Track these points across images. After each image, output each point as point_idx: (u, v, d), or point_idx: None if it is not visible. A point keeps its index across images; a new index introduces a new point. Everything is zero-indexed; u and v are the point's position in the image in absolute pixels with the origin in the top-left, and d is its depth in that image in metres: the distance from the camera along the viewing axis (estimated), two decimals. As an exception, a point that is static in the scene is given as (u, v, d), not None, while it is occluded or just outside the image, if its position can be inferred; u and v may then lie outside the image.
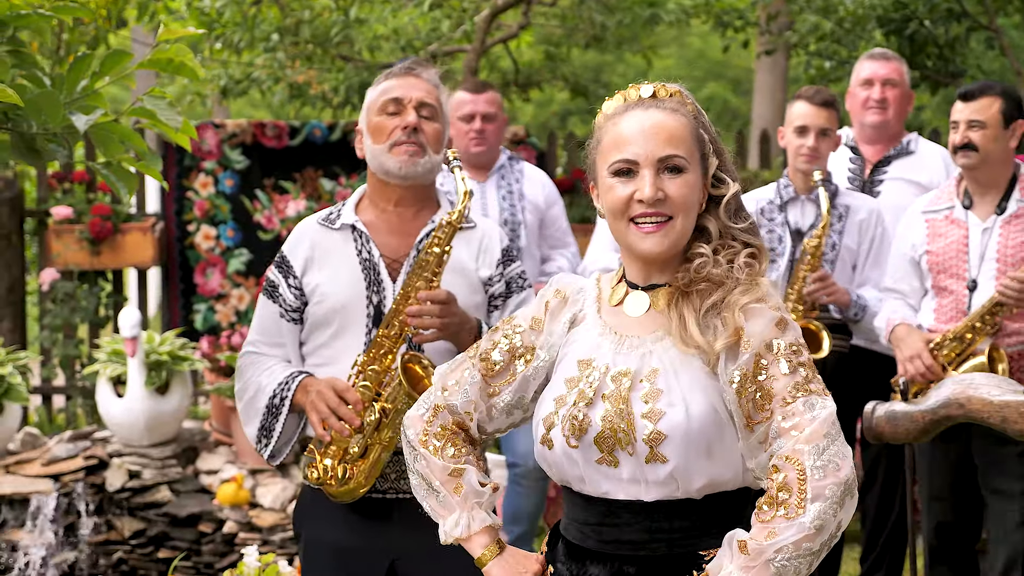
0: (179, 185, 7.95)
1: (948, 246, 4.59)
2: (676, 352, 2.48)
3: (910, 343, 4.56)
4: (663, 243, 2.48)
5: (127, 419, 6.02)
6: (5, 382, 5.99)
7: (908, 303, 4.72)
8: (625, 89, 2.63)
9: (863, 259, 5.00)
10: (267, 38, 7.44)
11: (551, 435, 2.51)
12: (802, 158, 4.92)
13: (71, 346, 7.72)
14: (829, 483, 2.35)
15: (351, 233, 3.46)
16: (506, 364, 2.65)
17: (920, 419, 3.12)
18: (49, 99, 3.17)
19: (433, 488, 2.64)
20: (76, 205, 7.71)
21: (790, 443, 2.38)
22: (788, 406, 2.41)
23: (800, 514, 2.33)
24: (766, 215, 5.02)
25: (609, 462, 2.47)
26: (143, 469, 6.02)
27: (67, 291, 7.69)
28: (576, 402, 2.49)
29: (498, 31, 8.50)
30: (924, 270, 4.65)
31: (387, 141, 3.43)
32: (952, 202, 4.66)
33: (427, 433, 2.66)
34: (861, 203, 5.04)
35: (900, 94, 5.41)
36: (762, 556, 2.34)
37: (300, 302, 3.46)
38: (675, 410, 2.43)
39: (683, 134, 2.50)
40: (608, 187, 2.51)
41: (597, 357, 2.53)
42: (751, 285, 2.48)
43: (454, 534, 2.61)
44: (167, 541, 5.93)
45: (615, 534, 2.50)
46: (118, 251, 7.75)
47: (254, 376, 3.47)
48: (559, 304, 2.63)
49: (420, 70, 3.52)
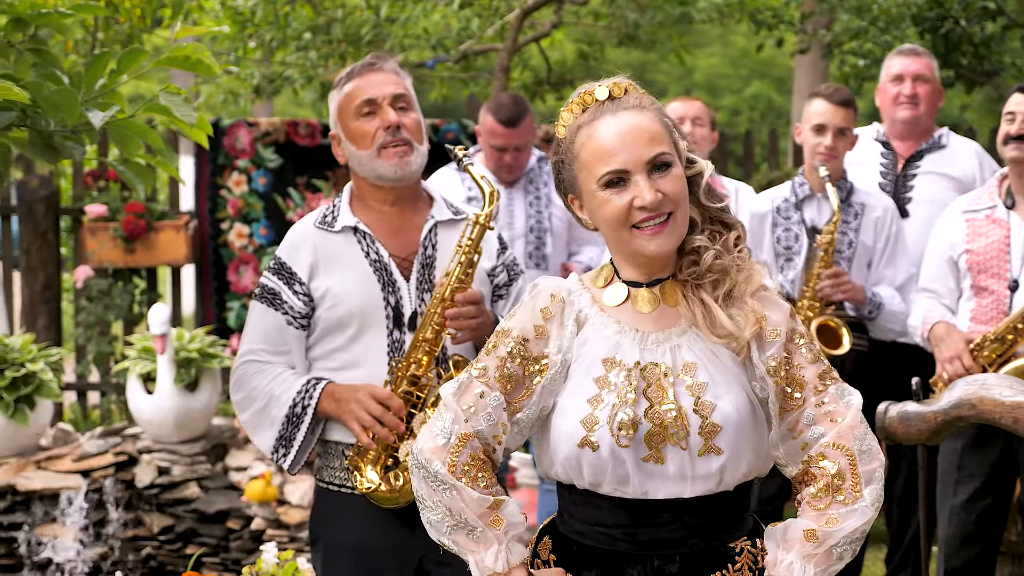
0: (213, 183, 8.00)
1: (989, 246, 4.54)
2: (704, 344, 2.49)
3: (950, 343, 4.49)
4: (670, 241, 2.49)
5: (156, 416, 6.05)
6: (37, 378, 6.03)
7: (943, 303, 4.67)
8: (612, 86, 2.57)
9: (878, 257, 4.97)
10: (299, 37, 7.46)
11: (595, 436, 2.45)
12: (819, 157, 4.90)
13: (105, 343, 7.79)
14: (875, 466, 2.47)
15: (353, 235, 3.42)
16: (521, 377, 2.54)
17: (932, 419, 3.10)
18: (66, 96, 3.20)
19: (467, 523, 2.49)
20: (111, 203, 7.77)
21: (833, 430, 2.46)
22: (820, 394, 2.48)
23: (858, 498, 2.43)
24: (782, 213, 5.00)
25: (656, 459, 2.44)
26: (172, 465, 6.05)
27: (101, 288, 7.76)
28: (619, 401, 2.44)
29: (531, 30, 8.49)
30: (962, 270, 4.60)
31: (373, 145, 3.39)
32: (994, 201, 4.62)
33: (455, 464, 2.50)
34: (877, 201, 5.01)
35: (931, 90, 5.37)
36: (827, 542, 2.41)
37: (309, 308, 3.42)
38: (723, 401, 2.45)
39: (659, 129, 2.50)
40: (603, 200, 2.48)
41: (621, 354, 2.49)
42: (750, 271, 2.51)
43: (496, 569, 2.48)
44: (195, 537, 5.96)
45: (652, 534, 2.48)
46: (152, 249, 7.81)
47: (262, 385, 3.42)
48: (559, 308, 2.56)
49: (380, 63, 3.47)
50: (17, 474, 5.97)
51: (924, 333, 4.64)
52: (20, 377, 6.01)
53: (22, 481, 5.92)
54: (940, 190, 5.20)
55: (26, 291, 7.94)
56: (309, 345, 3.46)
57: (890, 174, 5.35)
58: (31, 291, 7.92)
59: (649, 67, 24.98)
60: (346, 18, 7.49)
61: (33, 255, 7.92)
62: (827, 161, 4.88)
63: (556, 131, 2.58)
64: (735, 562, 2.51)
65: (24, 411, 6.00)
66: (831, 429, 2.47)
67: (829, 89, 4.97)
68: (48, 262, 7.93)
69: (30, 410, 6.03)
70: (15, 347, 6.12)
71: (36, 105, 3.24)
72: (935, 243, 4.71)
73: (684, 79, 25.60)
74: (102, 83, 3.37)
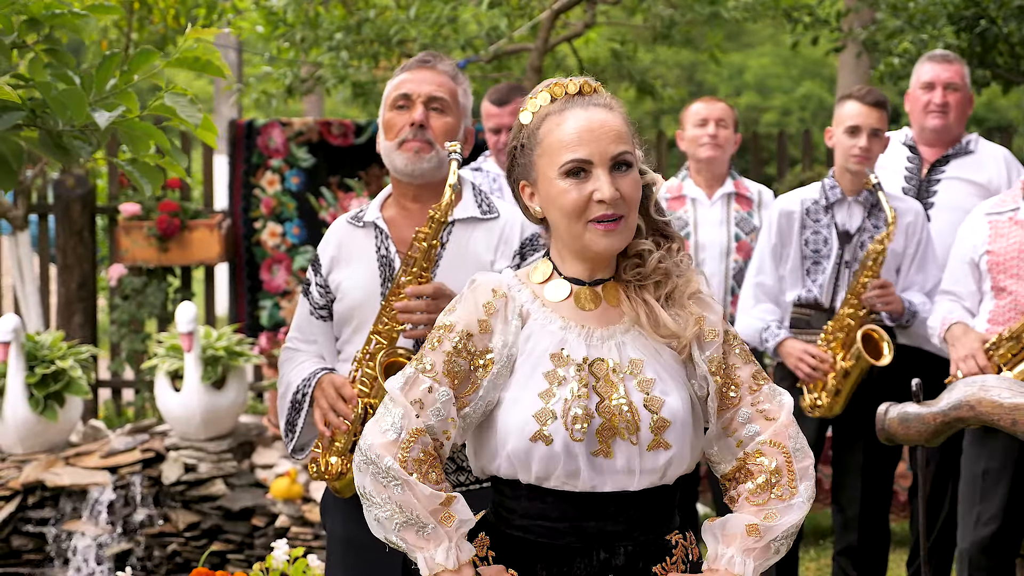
0: (246, 182, 8.05)
1: (1010, 246, 4.49)
2: (648, 342, 2.54)
3: (966, 342, 4.46)
4: (619, 241, 2.52)
5: (184, 413, 6.10)
6: (66, 375, 6.10)
7: (964, 305, 4.62)
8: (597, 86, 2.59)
9: (908, 263, 4.92)
10: (330, 37, 7.49)
11: (549, 430, 2.46)
12: (854, 159, 4.83)
13: (138, 341, 7.85)
14: (808, 463, 2.55)
15: (373, 230, 3.47)
16: (467, 373, 2.53)
17: (931, 421, 3.08)
18: (74, 96, 3.22)
19: (418, 519, 2.45)
20: (145, 202, 7.84)
21: (769, 428, 2.54)
22: (755, 393, 2.57)
23: (795, 494, 2.51)
24: (811, 216, 4.94)
25: (605, 453, 2.47)
26: (199, 463, 6.10)
27: (135, 287, 7.82)
28: (572, 395, 2.46)
29: (564, 29, 8.48)
30: (983, 271, 4.55)
31: (396, 138, 3.43)
32: (1017, 204, 4.57)
33: (405, 460, 2.47)
34: (908, 206, 4.96)
35: (961, 98, 5.30)
36: (767, 537, 2.49)
37: (326, 300, 3.50)
38: (672, 397, 2.50)
39: (625, 130, 2.52)
40: (561, 189, 2.49)
41: (568, 350, 2.51)
42: (688, 274, 2.58)
43: (446, 566, 2.45)
44: (220, 534, 6.00)
45: (600, 527, 2.51)
46: (185, 247, 7.87)
47: (287, 372, 3.52)
48: (502, 303, 2.56)
49: (435, 62, 3.49)
50: (46, 470, 6.04)
51: (941, 334, 4.60)
52: (50, 374, 6.08)
53: (51, 477, 5.99)
54: (963, 196, 5.13)
55: (62, 289, 8.01)
56: (336, 336, 3.53)
57: (914, 179, 5.30)
58: (67, 289, 8.00)
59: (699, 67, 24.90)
60: (377, 18, 7.50)
61: (69, 253, 7.99)
62: (862, 163, 4.83)
63: (520, 117, 2.59)
64: (672, 555, 2.57)
65: (54, 408, 6.07)
66: (767, 427, 2.55)
67: (862, 91, 4.92)
68: (84, 260, 8.00)
69: (60, 407, 6.10)
70: (45, 344, 6.19)
71: (45, 105, 3.27)
72: (958, 246, 4.66)
73: (734, 79, 25.50)
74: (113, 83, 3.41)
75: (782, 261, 4.98)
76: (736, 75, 25.55)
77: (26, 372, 6.03)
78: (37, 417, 6.05)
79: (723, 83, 25.48)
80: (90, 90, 3.39)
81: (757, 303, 5.03)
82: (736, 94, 24.87)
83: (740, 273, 5.38)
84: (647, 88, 8.65)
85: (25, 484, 5.97)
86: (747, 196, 5.52)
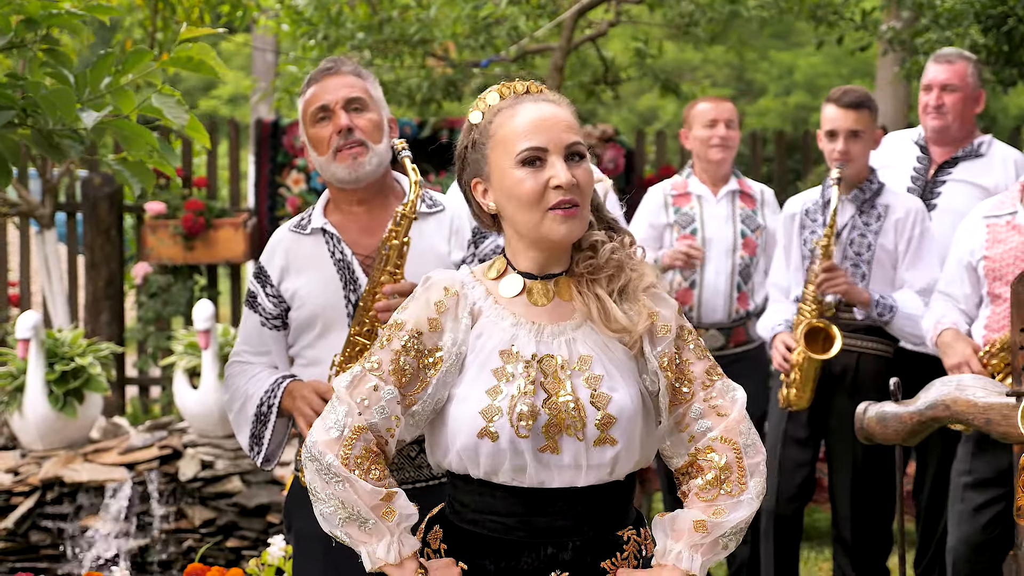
0: (272, 181, 8.10)
1: (1007, 252, 4.44)
2: (598, 337, 2.54)
3: (958, 349, 4.41)
4: (577, 228, 2.53)
5: (201, 410, 6.15)
6: (85, 372, 6.16)
7: (959, 308, 4.58)
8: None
9: (901, 260, 4.90)
10: (352, 36, 7.53)
11: (494, 427, 2.49)
12: (834, 163, 4.85)
13: (163, 339, 7.92)
14: (759, 460, 2.57)
15: (322, 236, 3.47)
16: (415, 370, 2.56)
17: (908, 420, 3.08)
18: (63, 96, 3.25)
19: (358, 515, 2.50)
20: (171, 200, 7.90)
21: (720, 424, 2.55)
22: (708, 388, 2.58)
23: (744, 491, 2.53)
24: (810, 216, 4.97)
25: (552, 449, 2.50)
26: (216, 460, 6.14)
27: (161, 285, 7.89)
28: (518, 392, 2.49)
29: (589, 29, 8.48)
30: (980, 276, 4.51)
31: (329, 150, 3.42)
32: (1015, 207, 4.51)
33: (347, 457, 2.51)
34: (900, 202, 4.94)
35: (961, 98, 5.25)
36: (714, 533, 2.50)
37: (280, 309, 3.49)
38: (619, 393, 2.51)
39: (575, 124, 2.57)
40: (517, 179, 2.51)
41: (518, 346, 2.53)
42: (642, 270, 2.58)
43: (387, 560, 2.51)
44: (236, 531, 6.04)
45: (548, 522, 2.53)
46: (211, 246, 7.94)
47: (241, 385, 3.50)
48: (453, 301, 2.59)
49: (337, 66, 3.49)
50: (65, 466, 6.10)
51: (933, 338, 4.56)
52: (70, 371, 6.14)
53: (69, 473, 6.05)
54: (967, 199, 5.08)
55: (90, 287, 8.10)
56: (289, 344, 3.53)
57: (920, 179, 5.27)
58: (94, 287, 8.08)
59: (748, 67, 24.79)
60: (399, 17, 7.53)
61: (97, 252, 8.07)
62: (844, 165, 4.83)
63: (469, 118, 2.62)
64: (623, 551, 2.58)
65: (73, 404, 6.13)
66: (718, 423, 2.55)
67: (838, 92, 4.92)
68: (111, 259, 8.08)
69: (79, 403, 6.16)
70: (65, 341, 6.25)
71: (37, 104, 3.30)
72: (956, 248, 4.62)
73: (784, 78, 25.37)
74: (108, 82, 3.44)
75: (790, 261, 5.04)
76: (786, 74, 25.40)
77: (46, 369, 6.09)
78: (57, 414, 6.10)
79: (772, 82, 25.37)
80: (84, 90, 3.43)
81: (774, 302, 5.12)
82: (785, 93, 24.77)
83: (746, 269, 5.39)
84: (671, 87, 8.64)
85: (44, 480, 6.03)
86: (750, 194, 5.51)
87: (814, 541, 6.56)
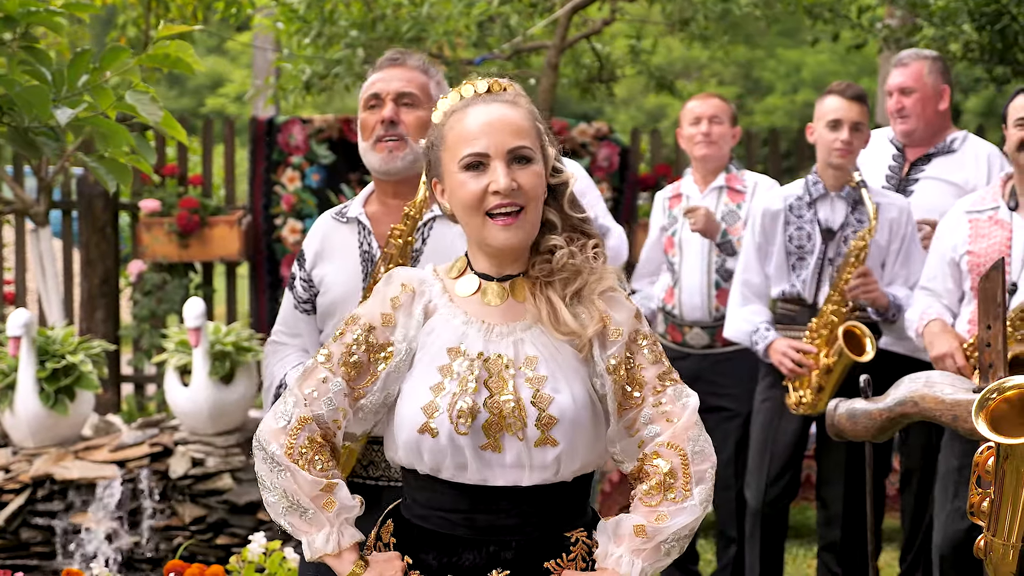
0: (267, 179, 8.09)
1: (991, 247, 4.44)
2: (548, 339, 2.56)
3: (944, 340, 4.41)
4: (519, 234, 2.54)
5: (192, 408, 6.15)
6: (77, 370, 6.16)
7: (942, 303, 4.58)
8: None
9: (892, 258, 4.90)
10: (346, 34, 7.53)
11: (435, 423, 2.52)
12: (836, 153, 4.83)
13: (157, 336, 7.92)
14: (707, 467, 2.55)
15: (356, 226, 3.51)
16: (366, 364, 2.61)
17: (878, 417, 3.08)
18: (38, 94, 3.26)
19: (299, 505, 2.55)
20: (166, 198, 7.91)
21: (668, 430, 2.54)
22: (659, 394, 2.56)
23: (688, 497, 2.51)
24: (795, 212, 4.95)
25: (494, 448, 2.51)
26: (207, 457, 6.14)
27: (155, 283, 7.89)
28: (460, 389, 2.51)
29: (584, 26, 8.47)
30: (964, 271, 4.51)
31: (371, 137, 3.47)
32: (997, 202, 4.51)
33: (292, 447, 2.56)
34: (892, 201, 4.94)
35: (920, 99, 5.30)
36: (656, 539, 2.49)
37: (309, 294, 3.54)
38: (562, 395, 2.52)
39: (527, 125, 2.57)
40: (460, 183, 2.55)
41: (466, 344, 2.56)
42: (602, 273, 2.58)
43: (325, 551, 2.56)
44: (226, 528, 6.04)
45: (491, 520, 2.55)
46: (206, 244, 7.94)
47: (271, 364, 3.58)
48: (408, 297, 2.63)
49: (404, 58, 3.54)
50: (56, 463, 6.10)
51: (919, 329, 4.55)
52: (61, 369, 6.15)
53: (59, 470, 6.05)
54: (940, 196, 5.13)
55: (85, 285, 8.10)
56: (320, 329, 3.56)
57: (895, 177, 5.29)
58: (90, 285, 8.08)
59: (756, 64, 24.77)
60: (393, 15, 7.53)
61: (92, 249, 8.08)
62: (844, 156, 4.83)
63: (432, 117, 2.66)
64: (569, 552, 2.58)
65: (64, 402, 6.14)
66: (667, 429, 2.55)
67: (842, 85, 4.93)
68: (106, 256, 8.09)
69: (70, 401, 6.16)
70: (56, 339, 6.26)
71: (13, 102, 3.31)
72: (938, 244, 4.62)
73: (791, 76, 25.35)
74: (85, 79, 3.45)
75: (767, 259, 5.01)
76: (793, 72, 25.39)
77: (37, 366, 6.10)
78: (48, 411, 6.11)
79: (780, 80, 25.36)
80: (61, 87, 3.43)
81: (746, 303, 5.06)
82: (793, 91, 24.76)
83: (723, 267, 5.39)
84: (665, 84, 8.63)
85: (34, 477, 6.04)
86: (739, 189, 5.50)
87: (804, 539, 6.56)
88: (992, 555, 2.52)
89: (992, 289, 2.68)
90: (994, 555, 2.52)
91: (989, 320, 2.66)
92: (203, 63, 3.52)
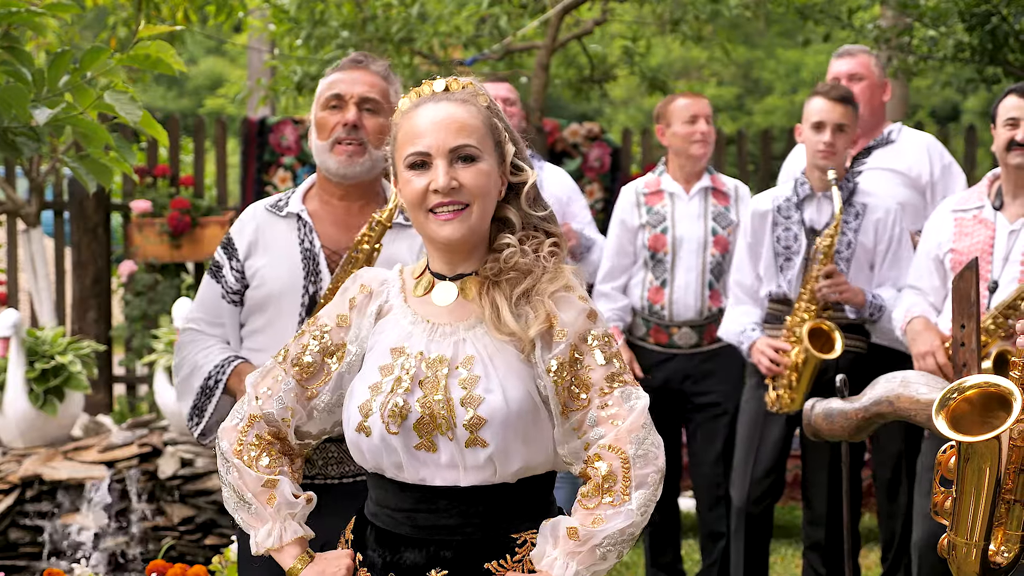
0: (259, 179, 8.10)
1: (973, 245, 4.45)
2: (490, 339, 2.55)
3: (926, 339, 4.43)
4: (460, 230, 2.54)
5: (179, 408, 6.13)
6: (66, 371, 6.17)
7: (928, 301, 4.59)
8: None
9: (880, 259, 4.91)
10: (336, 35, 7.54)
11: (368, 422, 2.54)
12: (819, 154, 4.84)
13: (149, 337, 7.93)
14: (650, 471, 2.50)
15: (296, 222, 3.47)
16: (319, 364, 2.66)
17: (854, 416, 3.08)
18: (17, 94, 3.26)
19: (245, 500, 2.62)
20: (158, 199, 7.91)
21: (611, 432, 2.51)
22: (606, 396, 2.53)
23: (626, 501, 2.47)
24: (783, 213, 4.95)
25: (428, 447, 2.52)
26: (196, 457, 6.14)
27: (146, 283, 7.90)
28: (393, 389, 2.53)
29: (576, 27, 8.48)
30: (947, 269, 4.52)
31: (329, 138, 3.43)
32: (982, 202, 4.52)
33: (241, 444, 2.63)
34: (879, 202, 4.94)
35: (868, 86, 5.38)
36: (590, 542, 2.46)
37: (241, 285, 3.48)
38: (493, 396, 2.50)
39: (475, 124, 2.56)
40: (405, 180, 2.58)
41: (409, 344, 2.58)
42: (557, 273, 2.57)
43: (266, 545, 2.62)
44: (215, 528, 6.04)
45: (431, 519, 2.56)
46: (197, 244, 7.94)
47: (191, 354, 3.49)
48: (364, 298, 2.67)
49: (367, 62, 3.50)
50: (45, 464, 6.11)
51: (903, 327, 4.57)
52: (50, 369, 6.16)
53: (48, 471, 6.06)
54: (887, 184, 5.18)
55: (76, 285, 8.11)
56: (241, 322, 3.52)
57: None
58: (81, 285, 8.09)
59: (755, 64, 24.74)
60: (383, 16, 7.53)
61: (83, 250, 8.09)
62: (827, 158, 4.83)
63: (392, 117, 2.67)
64: (515, 552, 2.56)
65: (53, 402, 6.15)
66: (611, 431, 2.51)
67: (827, 87, 4.94)
68: (98, 257, 8.10)
69: (59, 402, 6.17)
70: (46, 339, 6.26)
71: (-7, 103, 3.31)
72: (924, 241, 4.64)
73: (791, 76, 25.33)
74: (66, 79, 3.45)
75: (758, 260, 5.01)
76: (792, 72, 25.35)
77: (26, 367, 6.10)
78: (37, 412, 6.12)
79: (779, 80, 25.32)
80: (42, 87, 3.44)
81: (737, 303, 5.08)
82: (792, 91, 24.73)
83: (718, 267, 5.36)
84: (658, 85, 8.63)
85: (23, 478, 6.04)
86: (723, 191, 5.48)
87: (792, 539, 6.57)
88: (955, 554, 2.52)
89: (966, 288, 2.68)
90: (957, 554, 2.52)
91: (963, 319, 2.66)
92: (201, 64, 3.53)
